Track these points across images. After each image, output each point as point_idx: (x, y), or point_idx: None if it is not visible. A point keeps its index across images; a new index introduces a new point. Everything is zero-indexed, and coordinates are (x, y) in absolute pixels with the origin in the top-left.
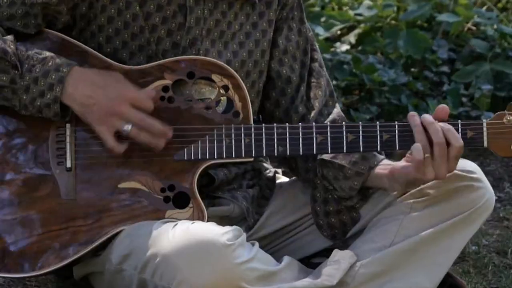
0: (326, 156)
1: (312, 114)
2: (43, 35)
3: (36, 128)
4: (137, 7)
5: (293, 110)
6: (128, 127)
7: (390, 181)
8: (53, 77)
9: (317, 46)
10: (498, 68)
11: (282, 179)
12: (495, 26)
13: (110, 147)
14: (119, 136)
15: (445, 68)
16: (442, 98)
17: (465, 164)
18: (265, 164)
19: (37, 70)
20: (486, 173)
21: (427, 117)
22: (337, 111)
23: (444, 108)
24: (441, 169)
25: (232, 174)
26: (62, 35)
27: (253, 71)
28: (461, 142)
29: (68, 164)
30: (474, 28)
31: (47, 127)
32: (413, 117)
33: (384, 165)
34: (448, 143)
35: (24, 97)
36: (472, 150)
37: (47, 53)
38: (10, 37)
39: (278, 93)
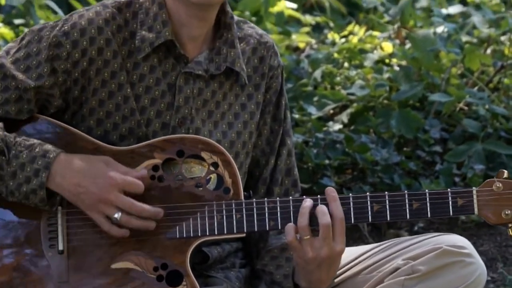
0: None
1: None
2: (32, 120)
3: (27, 210)
4: (128, 90)
5: (255, 191)
6: (118, 215)
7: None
8: (39, 163)
9: (292, 133)
10: (490, 148)
11: None
12: (487, 106)
13: (107, 231)
14: None
15: (438, 148)
16: (434, 178)
17: (456, 240)
18: None
19: (24, 156)
20: (479, 253)
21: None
22: None
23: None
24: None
25: (225, 252)
26: (51, 119)
27: (241, 152)
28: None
29: (60, 247)
30: (466, 108)
31: (39, 210)
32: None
33: None
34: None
35: (11, 183)
36: (465, 230)
37: (35, 140)
38: None
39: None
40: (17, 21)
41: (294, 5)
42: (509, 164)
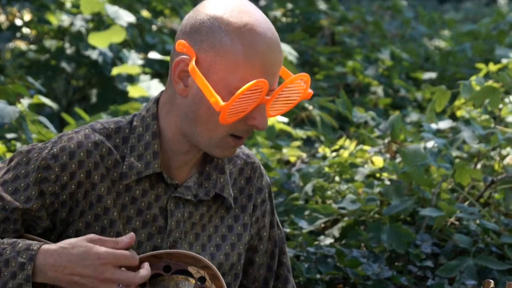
0: None
1: None
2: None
3: None
4: (115, 213)
5: None
6: None
7: None
8: (24, 256)
9: (286, 249)
10: (481, 263)
11: None
12: (478, 221)
13: None
14: None
15: (429, 263)
16: None
17: None
18: None
19: (8, 252)
20: None
21: None
22: None
23: None
24: None
25: None
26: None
27: (229, 274)
28: None
29: None
30: (457, 223)
31: None
32: None
33: None
34: None
35: None
36: None
37: (18, 239)
38: None
39: None
40: (9, 136)
41: (285, 119)
42: (501, 279)
